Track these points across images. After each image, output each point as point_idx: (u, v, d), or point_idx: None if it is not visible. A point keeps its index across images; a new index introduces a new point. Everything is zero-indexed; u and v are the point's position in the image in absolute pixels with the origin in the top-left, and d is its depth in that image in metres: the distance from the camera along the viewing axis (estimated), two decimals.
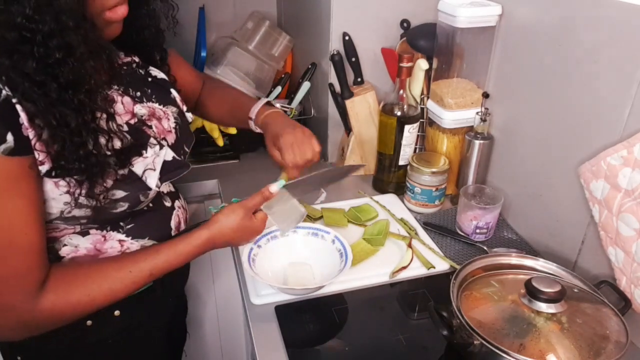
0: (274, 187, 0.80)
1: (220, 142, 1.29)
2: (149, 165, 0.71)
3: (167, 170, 0.74)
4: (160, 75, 0.84)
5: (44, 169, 0.60)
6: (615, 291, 0.78)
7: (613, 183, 0.75)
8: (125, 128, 0.70)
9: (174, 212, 0.84)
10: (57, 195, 0.64)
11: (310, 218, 1.04)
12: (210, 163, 1.31)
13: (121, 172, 0.67)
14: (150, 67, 0.83)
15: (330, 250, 0.90)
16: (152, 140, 0.73)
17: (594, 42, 0.79)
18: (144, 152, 0.71)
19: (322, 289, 0.86)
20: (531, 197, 0.98)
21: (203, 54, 1.41)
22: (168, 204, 0.84)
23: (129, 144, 0.68)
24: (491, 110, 1.05)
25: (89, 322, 0.75)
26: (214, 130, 1.26)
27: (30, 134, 0.58)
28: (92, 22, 0.61)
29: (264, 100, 0.95)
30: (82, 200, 0.65)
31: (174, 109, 0.82)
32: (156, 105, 0.78)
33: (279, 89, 1.39)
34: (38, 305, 0.64)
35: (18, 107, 0.57)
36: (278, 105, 1.14)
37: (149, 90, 0.79)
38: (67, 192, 0.64)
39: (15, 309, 0.63)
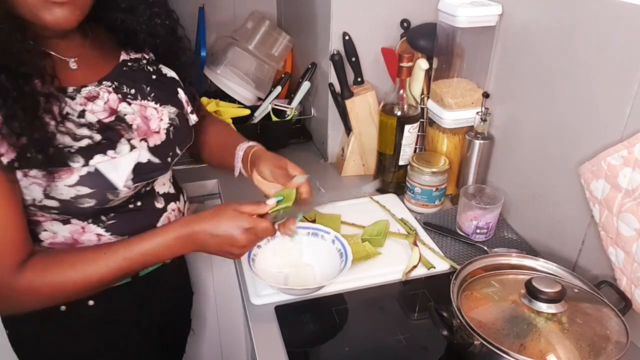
0: (271, 200, 0.75)
1: None
2: (118, 166, 0.70)
3: (141, 173, 0.74)
4: (171, 74, 0.83)
5: (5, 160, 0.62)
6: (616, 291, 0.78)
7: (613, 183, 0.75)
8: (96, 126, 0.70)
9: (165, 214, 0.83)
10: (28, 184, 0.66)
11: (305, 219, 1.03)
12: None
13: (86, 169, 0.67)
14: (162, 66, 0.83)
15: (330, 250, 0.90)
16: (123, 141, 0.72)
17: (594, 42, 0.79)
18: (112, 151, 0.70)
19: (322, 289, 0.86)
20: (531, 197, 0.98)
21: (203, 53, 1.41)
22: (160, 205, 0.82)
23: (96, 141, 0.69)
24: (491, 110, 1.05)
25: (63, 308, 0.77)
26: None
27: None
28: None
29: (252, 143, 0.89)
30: (49, 192, 0.66)
31: (173, 109, 0.81)
32: (151, 103, 0.78)
33: (279, 88, 1.39)
34: (16, 282, 0.66)
35: None
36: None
37: (148, 88, 0.78)
38: (36, 183, 0.65)
39: None
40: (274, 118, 1.37)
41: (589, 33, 0.80)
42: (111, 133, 0.71)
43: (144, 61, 0.81)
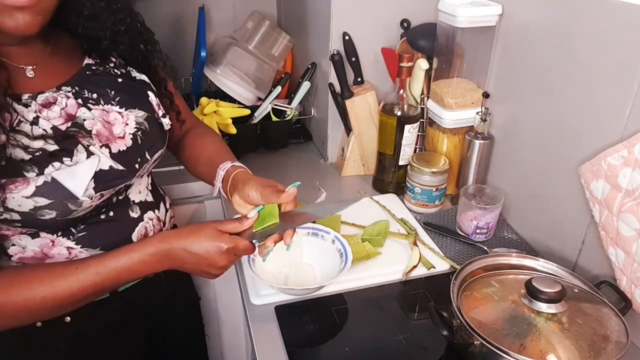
0: (252, 213, 0.72)
1: None
2: (76, 173, 0.67)
3: (103, 180, 0.70)
4: (141, 77, 0.80)
5: None
6: (616, 291, 0.78)
7: (613, 183, 0.75)
8: (50, 133, 0.67)
9: (141, 223, 0.79)
10: None
11: None
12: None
13: (42, 178, 0.64)
14: (131, 69, 0.79)
15: (330, 250, 0.90)
16: (80, 147, 0.68)
17: (594, 42, 0.79)
18: (68, 159, 0.66)
19: (322, 289, 0.86)
20: (531, 197, 0.98)
21: (203, 53, 1.41)
22: (135, 214, 0.79)
23: (51, 149, 0.65)
24: (491, 110, 1.05)
25: (38, 324, 0.74)
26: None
27: None
28: None
29: (236, 164, 0.85)
30: (8, 204, 0.63)
31: (141, 113, 0.77)
32: (115, 108, 0.74)
33: (279, 88, 1.39)
34: None
35: None
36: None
37: (113, 92, 0.75)
38: None
39: None
40: (274, 118, 1.37)
41: (589, 33, 0.80)
42: (67, 140, 0.67)
43: (111, 64, 0.78)
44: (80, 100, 0.71)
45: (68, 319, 0.76)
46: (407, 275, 0.91)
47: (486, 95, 1.05)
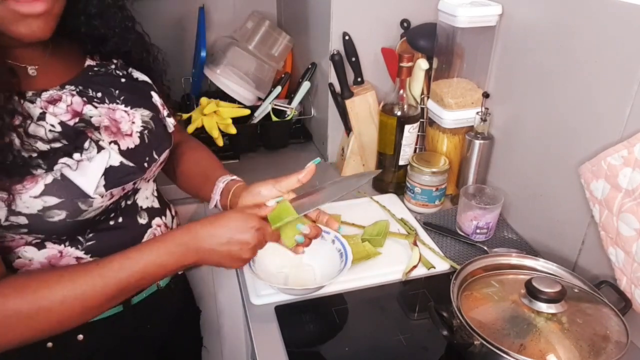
0: (271, 202, 0.72)
1: (220, 142, 1.29)
2: (85, 170, 0.65)
3: (113, 177, 0.68)
4: (143, 77, 0.79)
5: None
6: (616, 291, 0.78)
7: (613, 183, 0.75)
8: (58, 128, 0.65)
9: (150, 230, 0.77)
10: None
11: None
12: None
13: (51, 176, 0.62)
14: (132, 70, 0.79)
15: (330, 250, 0.90)
16: (89, 143, 0.66)
17: (595, 42, 0.79)
18: (78, 154, 0.64)
19: (322, 289, 0.86)
20: (531, 197, 0.98)
21: (203, 53, 1.41)
22: (143, 221, 0.77)
23: (58, 145, 0.63)
24: (491, 110, 1.05)
25: (49, 344, 0.69)
26: (213, 130, 1.26)
27: None
28: None
29: (235, 177, 0.85)
30: (15, 206, 0.60)
31: (146, 112, 0.76)
32: (120, 106, 0.73)
33: (279, 88, 1.39)
34: None
35: None
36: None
37: (117, 92, 0.74)
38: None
39: None
40: (274, 118, 1.37)
41: (589, 33, 0.80)
42: (76, 135, 0.65)
43: (112, 66, 0.77)
44: (85, 99, 0.70)
45: (81, 337, 0.72)
46: (407, 275, 0.91)
47: (486, 95, 1.05)
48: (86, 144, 0.66)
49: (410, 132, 1.09)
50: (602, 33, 0.77)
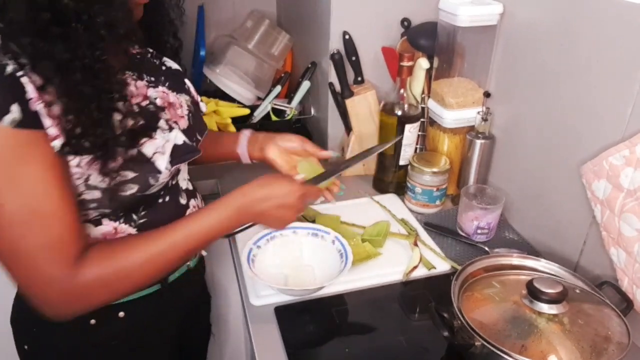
0: (300, 176, 0.81)
1: None
2: (159, 147, 0.70)
3: (178, 154, 0.73)
4: (175, 66, 0.84)
5: (57, 144, 0.59)
6: (617, 292, 0.77)
7: (615, 183, 0.75)
8: (136, 109, 0.69)
9: (188, 210, 0.82)
10: (78, 171, 0.64)
11: (304, 218, 1.03)
12: (209, 162, 1.30)
13: (130, 152, 0.66)
14: (165, 58, 0.83)
15: (330, 250, 0.90)
16: (162, 122, 0.72)
17: (596, 41, 0.79)
18: (154, 133, 0.70)
19: (322, 289, 0.85)
20: (533, 197, 0.98)
21: (202, 53, 1.41)
22: (184, 201, 0.81)
23: (139, 124, 0.68)
24: (492, 110, 1.05)
25: (92, 321, 0.74)
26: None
27: (39, 108, 0.57)
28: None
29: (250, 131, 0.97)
30: (91, 181, 0.65)
31: (187, 98, 0.82)
32: (169, 91, 0.78)
33: (278, 88, 1.39)
34: (79, 276, 0.62)
35: (24, 80, 0.56)
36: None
37: (163, 78, 0.79)
38: (78, 170, 0.63)
39: (55, 281, 0.62)
40: (274, 118, 1.37)
41: (590, 32, 0.79)
42: (151, 116, 0.71)
43: (148, 55, 0.81)
44: (144, 82, 0.74)
45: (122, 314, 0.76)
46: (408, 276, 0.91)
47: (487, 95, 1.05)
48: (160, 123, 0.71)
49: (411, 132, 1.09)
50: (604, 32, 0.77)
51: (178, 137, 0.73)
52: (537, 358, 0.62)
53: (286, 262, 0.91)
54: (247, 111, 1.34)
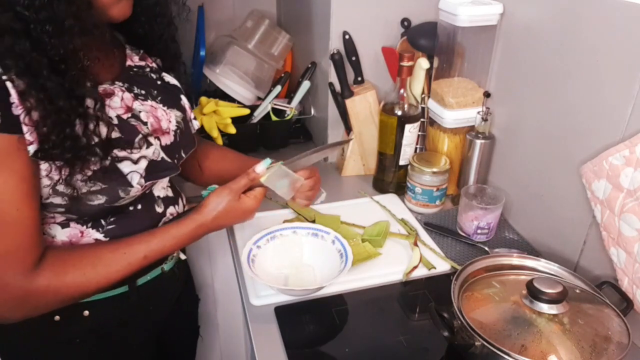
0: (260, 167, 0.81)
1: (220, 142, 1.28)
2: (134, 161, 0.71)
3: (154, 171, 0.74)
4: (173, 81, 0.85)
5: (32, 149, 0.61)
6: (617, 292, 0.77)
7: (615, 183, 0.75)
8: (115, 121, 0.70)
9: (163, 218, 0.82)
10: (45, 175, 0.65)
11: (304, 218, 1.03)
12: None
13: (103, 163, 0.67)
14: (164, 74, 0.85)
15: (330, 250, 0.90)
16: (140, 137, 0.72)
17: (596, 41, 0.79)
18: (130, 147, 0.70)
19: (322, 289, 0.85)
20: (533, 197, 0.98)
21: (202, 52, 1.41)
22: (160, 209, 0.81)
23: (115, 136, 0.69)
24: (492, 110, 1.05)
25: (56, 317, 0.75)
26: (213, 130, 1.25)
27: (20, 112, 0.59)
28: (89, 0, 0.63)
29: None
30: (59, 187, 0.65)
31: (179, 114, 0.82)
32: (159, 105, 0.79)
33: (278, 88, 1.38)
34: (33, 284, 0.65)
35: (8, 84, 0.58)
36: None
37: (155, 92, 0.80)
38: (47, 176, 0.64)
39: (9, 287, 0.64)
40: (274, 118, 1.37)
41: (590, 32, 0.79)
42: (129, 129, 0.71)
43: (147, 69, 0.82)
44: (132, 95, 0.75)
45: (86, 312, 0.77)
46: (408, 276, 0.91)
47: (487, 95, 1.05)
48: (137, 138, 0.72)
49: (411, 132, 1.09)
50: (604, 32, 0.77)
51: (156, 153, 0.75)
52: (537, 358, 0.62)
53: (286, 262, 0.91)
54: (247, 111, 1.34)
